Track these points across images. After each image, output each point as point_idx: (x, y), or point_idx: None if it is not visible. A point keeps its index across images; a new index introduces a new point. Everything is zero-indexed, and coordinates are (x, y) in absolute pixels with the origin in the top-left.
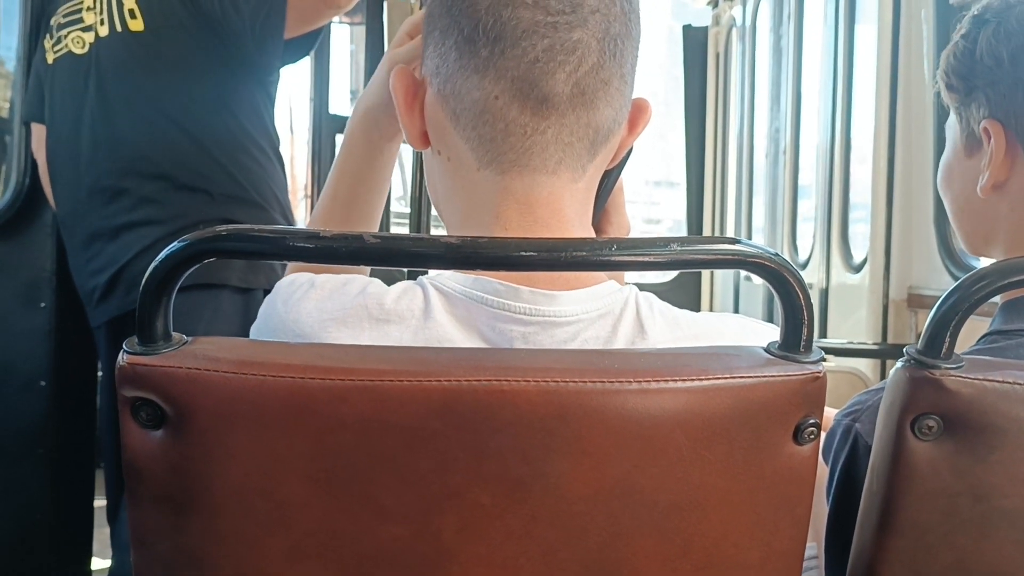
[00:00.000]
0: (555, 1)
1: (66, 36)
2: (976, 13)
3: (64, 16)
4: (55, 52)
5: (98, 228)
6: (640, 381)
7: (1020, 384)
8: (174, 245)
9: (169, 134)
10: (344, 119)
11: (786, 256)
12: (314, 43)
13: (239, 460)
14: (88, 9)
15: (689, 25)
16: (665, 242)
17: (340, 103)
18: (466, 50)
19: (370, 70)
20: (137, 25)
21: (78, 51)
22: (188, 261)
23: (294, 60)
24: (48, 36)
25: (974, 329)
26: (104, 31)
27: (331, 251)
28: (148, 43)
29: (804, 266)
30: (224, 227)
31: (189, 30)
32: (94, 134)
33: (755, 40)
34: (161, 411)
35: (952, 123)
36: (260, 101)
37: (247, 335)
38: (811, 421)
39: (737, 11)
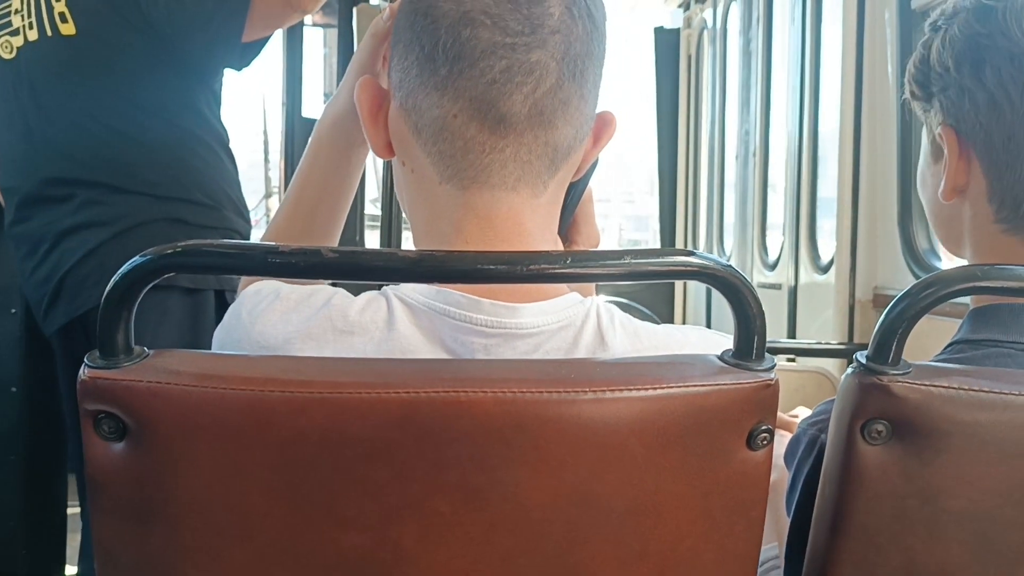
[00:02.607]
0: (514, 22)
1: None
2: (931, 20)
3: None
4: None
5: (41, 235)
6: (596, 390)
7: (965, 389)
8: (135, 260)
9: (106, 139)
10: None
11: (755, 256)
12: (262, 49)
13: (201, 472)
14: (16, 12)
15: (661, 27)
16: (619, 255)
17: (313, 106)
18: (426, 67)
19: (342, 73)
20: (68, 29)
21: (6, 56)
22: (148, 276)
23: (243, 65)
24: None
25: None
26: (33, 35)
27: (289, 266)
28: (81, 47)
29: (773, 266)
30: (184, 243)
31: (126, 32)
32: (29, 142)
33: (726, 42)
34: (123, 424)
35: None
36: (203, 100)
37: (198, 335)
38: (764, 427)
39: (708, 14)
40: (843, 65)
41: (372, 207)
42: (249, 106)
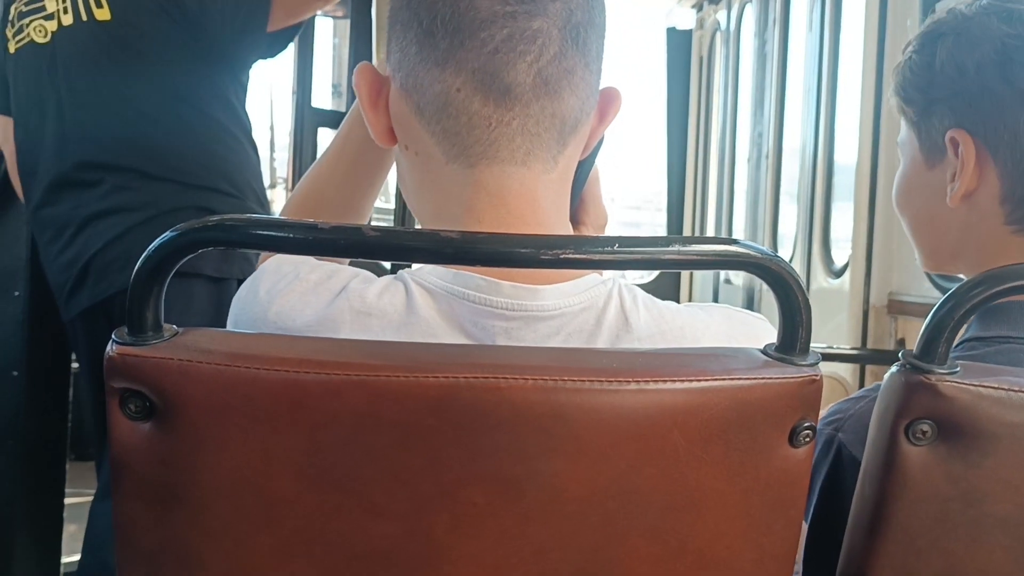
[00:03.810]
0: None
1: (28, 25)
2: (928, 30)
3: (25, 4)
4: (17, 42)
5: (67, 219)
6: (638, 381)
7: (1015, 391)
8: (167, 234)
9: (138, 125)
10: (327, 112)
11: None
12: (292, 38)
13: (229, 454)
14: None
15: (673, 28)
16: (667, 241)
17: (323, 97)
18: (426, 43)
19: (354, 64)
20: (104, 14)
21: (40, 40)
22: (181, 251)
23: (272, 55)
24: (9, 25)
25: None
26: (68, 20)
27: (329, 244)
28: (115, 33)
29: None
30: (217, 217)
31: (160, 20)
32: (60, 126)
33: (739, 45)
34: (150, 403)
35: (906, 139)
36: (231, 90)
37: (221, 324)
38: (806, 424)
39: (722, 15)
40: (864, 70)
41: (377, 199)
42: (256, 96)
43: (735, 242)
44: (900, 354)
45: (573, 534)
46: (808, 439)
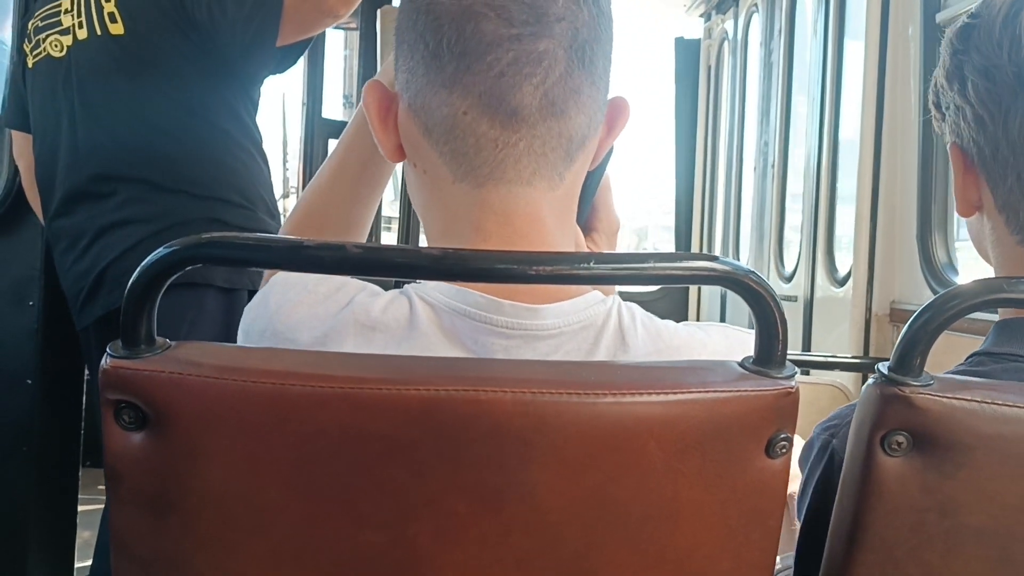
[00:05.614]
0: (518, 13)
1: (44, 40)
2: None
3: (42, 20)
4: (34, 56)
5: (82, 230)
6: (615, 393)
7: (988, 403)
8: (159, 251)
9: (150, 138)
10: (337, 123)
11: (772, 269)
12: (301, 54)
13: (219, 464)
14: (66, 12)
15: (681, 38)
16: (644, 258)
17: (333, 107)
18: (433, 65)
19: (364, 75)
20: (118, 29)
21: (56, 55)
22: (173, 267)
23: (282, 70)
24: (27, 40)
25: (966, 347)
26: (83, 34)
27: (315, 260)
28: (128, 47)
29: (790, 279)
30: (208, 235)
31: (173, 35)
32: (74, 139)
33: (746, 54)
34: (143, 414)
35: None
36: (242, 104)
37: (231, 334)
38: (783, 435)
39: (729, 25)
40: (865, 79)
41: (389, 209)
42: (268, 106)
43: (712, 258)
44: (876, 366)
45: (554, 543)
46: (784, 450)
